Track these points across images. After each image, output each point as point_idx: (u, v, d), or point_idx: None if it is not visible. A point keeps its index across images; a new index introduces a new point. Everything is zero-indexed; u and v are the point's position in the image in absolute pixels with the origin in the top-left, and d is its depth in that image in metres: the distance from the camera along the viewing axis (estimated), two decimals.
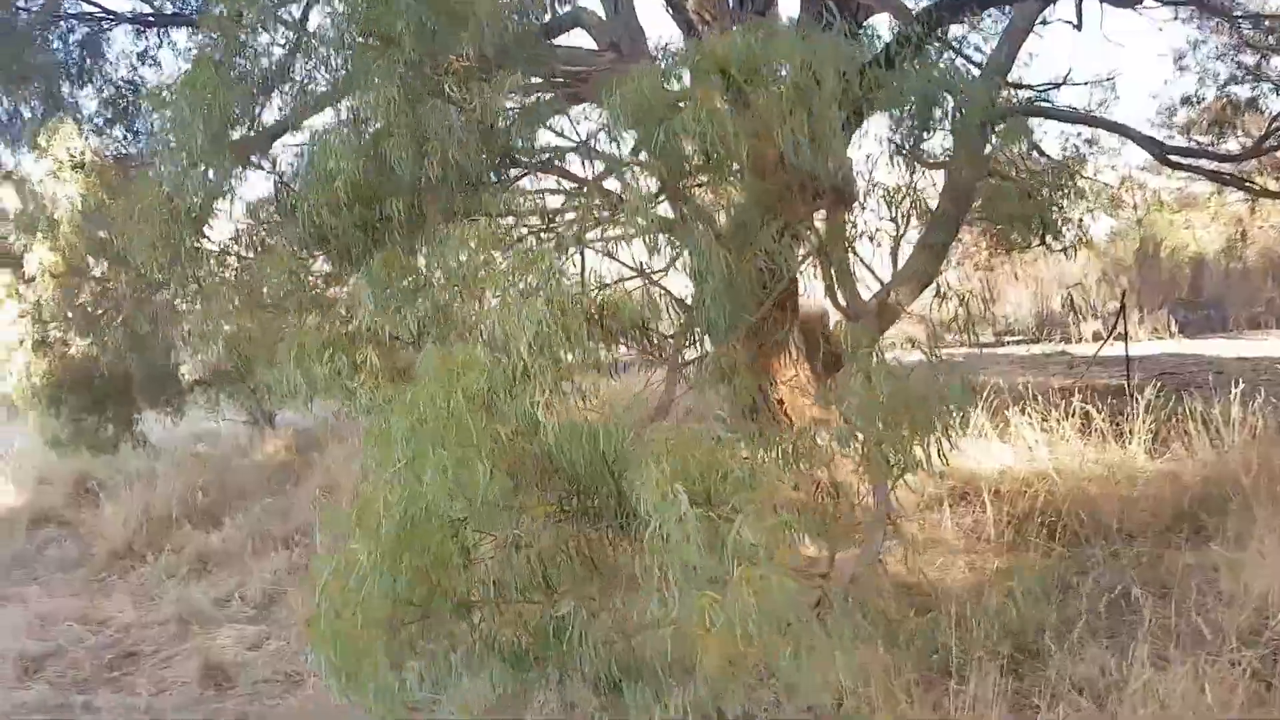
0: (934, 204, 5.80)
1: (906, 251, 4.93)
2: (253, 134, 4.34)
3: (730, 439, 2.32)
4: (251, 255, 4.57)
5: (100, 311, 6.93)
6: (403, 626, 2.66)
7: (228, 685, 4.79)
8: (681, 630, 2.04)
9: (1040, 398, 7.85)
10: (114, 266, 7.36)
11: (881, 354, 3.01)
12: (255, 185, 4.99)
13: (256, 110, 4.29)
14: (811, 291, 6.21)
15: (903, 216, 3.68)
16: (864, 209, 3.81)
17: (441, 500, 2.55)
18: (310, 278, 4.18)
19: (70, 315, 7.45)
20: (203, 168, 3.99)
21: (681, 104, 3.41)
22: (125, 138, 9.17)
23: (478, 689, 2.76)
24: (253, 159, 4.41)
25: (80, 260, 6.96)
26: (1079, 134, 12.39)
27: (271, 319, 4.02)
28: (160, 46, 9.54)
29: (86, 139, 7.52)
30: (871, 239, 3.63)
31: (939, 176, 6.26)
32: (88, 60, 8.96)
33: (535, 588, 2.62)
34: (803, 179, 3.77)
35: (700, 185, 3.96)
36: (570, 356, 2.98)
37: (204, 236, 4.33)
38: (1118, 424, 7.44)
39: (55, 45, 8.77)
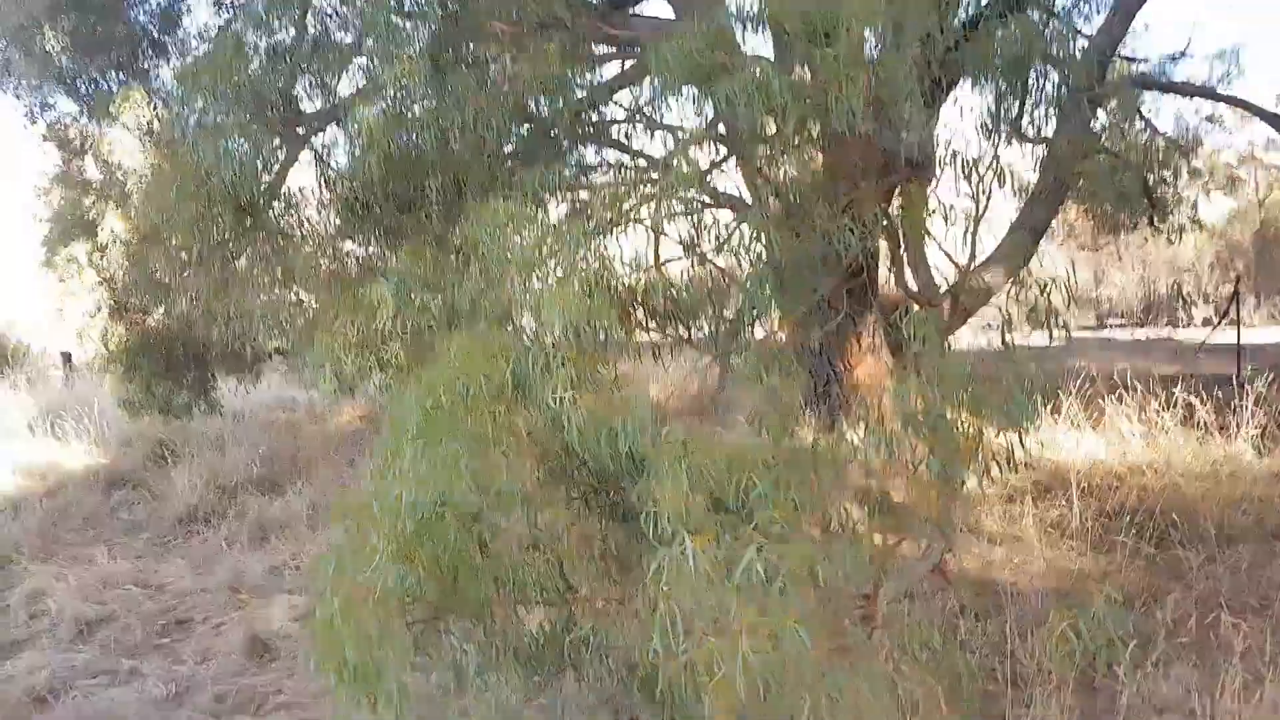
0: (1027, 180, 5.36)
1: (987, 231, 4.54)
2: (288, 112, 4.20)
3: (757, 444, 2.05)
4: (291, 235, 4.44)
5: (170, 280, 6.95)
6: (412, 626, 2.48)
7: (269, 657, 4.74)
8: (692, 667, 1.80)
9: (1140, 386, 7.35)
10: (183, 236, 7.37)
11: (948, 343, 2.69)
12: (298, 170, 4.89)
13: (287, 85, 4.14)
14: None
15: (983, 193, 3.31)
16: (939, 185, 3.45)
17: (454, 493, 2.35)
18: (348, 259, 4.04)
19: (143, 284, 7.53)
20: (239, 143, 3.85)
21: (735, 65, 3.12)
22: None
23: (492, 694, 2.56)
24: (286, 131, 4.27)
25: (151, 230, 6.99)
26: (1196, 110, 11.54)
27: (309, 301, 3.89)
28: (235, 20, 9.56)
29: (156, 109, 7.55)
30: (946, 218, 3.27)
31: (1031, 154, 5.81)
32: (165, 32, 9.04)
33: (553, 589, 2.40)
34: (876, 150, 3.44)
35: (759, 156, 3.66)
36: (604, 342, 2.75)
37: (249, 214, 4.21)
38: (1223, 417, 6.92)
39: (135, 16, 8.86)
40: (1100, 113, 7.11)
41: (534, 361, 2.50)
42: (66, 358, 15.20)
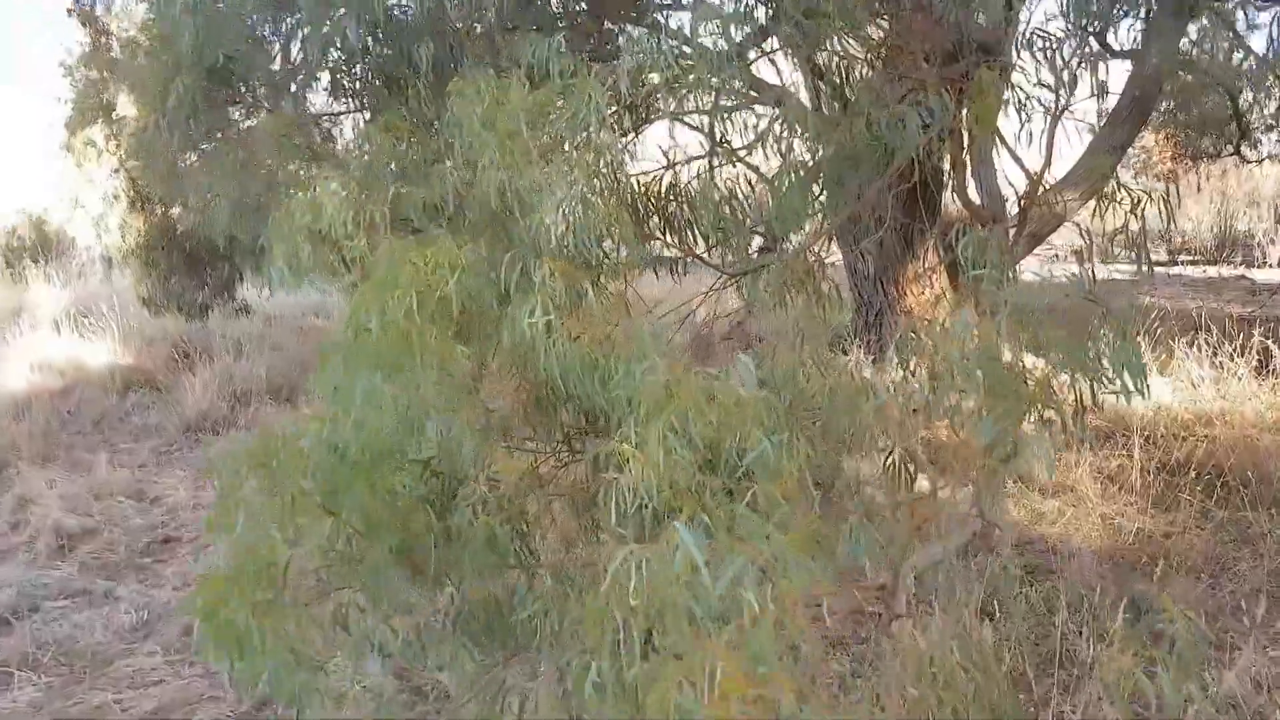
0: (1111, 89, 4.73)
1: (1059, 156, 3.96)
2: None
3: (754, 396, 1.58)
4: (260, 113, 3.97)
5: (180, 165, 6.52)
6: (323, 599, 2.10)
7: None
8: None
9: (1213, 328, 6.71)
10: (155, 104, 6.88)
11: (1012, 272, 2.17)
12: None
13: None
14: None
15: (1066, 84, 2.73)
16: (1013, 75, 2.86)
17: (375, 438, 1.92)
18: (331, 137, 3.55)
19: (154, 170, 7.10)
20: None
21: None
22: None
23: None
24: None
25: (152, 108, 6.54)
26: None
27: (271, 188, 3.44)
28: None
29: None
30: (1020, 111, 2.70)
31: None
32: None
33: (511, 553, 1.98)
34: (944, 29, 2.87)
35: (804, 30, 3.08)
36: (604, 254, 2.27)
37: (224, 83, 3.74)
38: None
39: None
40: (1190, 28, 6.35)
41: (510, 272, 2.03)
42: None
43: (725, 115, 3.04)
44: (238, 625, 1.78)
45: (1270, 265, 13.39)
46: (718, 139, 3.15)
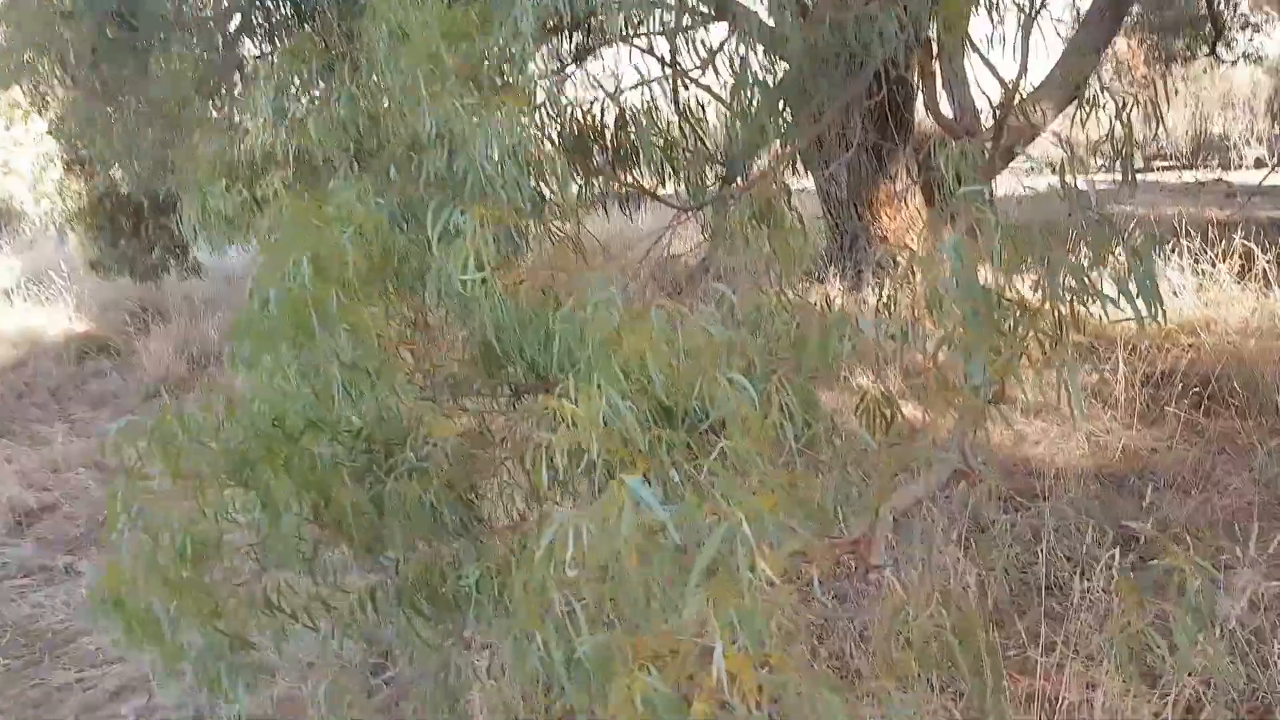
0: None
1: (1039, 48, 3.73)
2: None
3: (725, 336, 1.40)
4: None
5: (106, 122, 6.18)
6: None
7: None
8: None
9: (1192, 233, 6.55)
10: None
11: (990, 187, 1.98)
12: None
13: None
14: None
15: None
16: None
17: (289, 414, 1.74)
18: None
19: (79, 126, 6.74)
20: None
21: None
22: None
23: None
24: None
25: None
26: None
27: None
28: None
29: None
30: (992, 14, 2.48)
31: None
32: None
33: (446, 521, 1.81)
34: None
35: None
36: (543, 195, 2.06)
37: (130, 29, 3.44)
38: None
39: None
40: None
41: (435, 222, 1.82)
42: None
43: (684, 33, 2.80)
44: (149, 611, 1.61)
45: (1247, 167, 13.24)
46: (672, 60, 2.92)
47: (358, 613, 2.12)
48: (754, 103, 2.39)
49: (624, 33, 3.00)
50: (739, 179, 2.61)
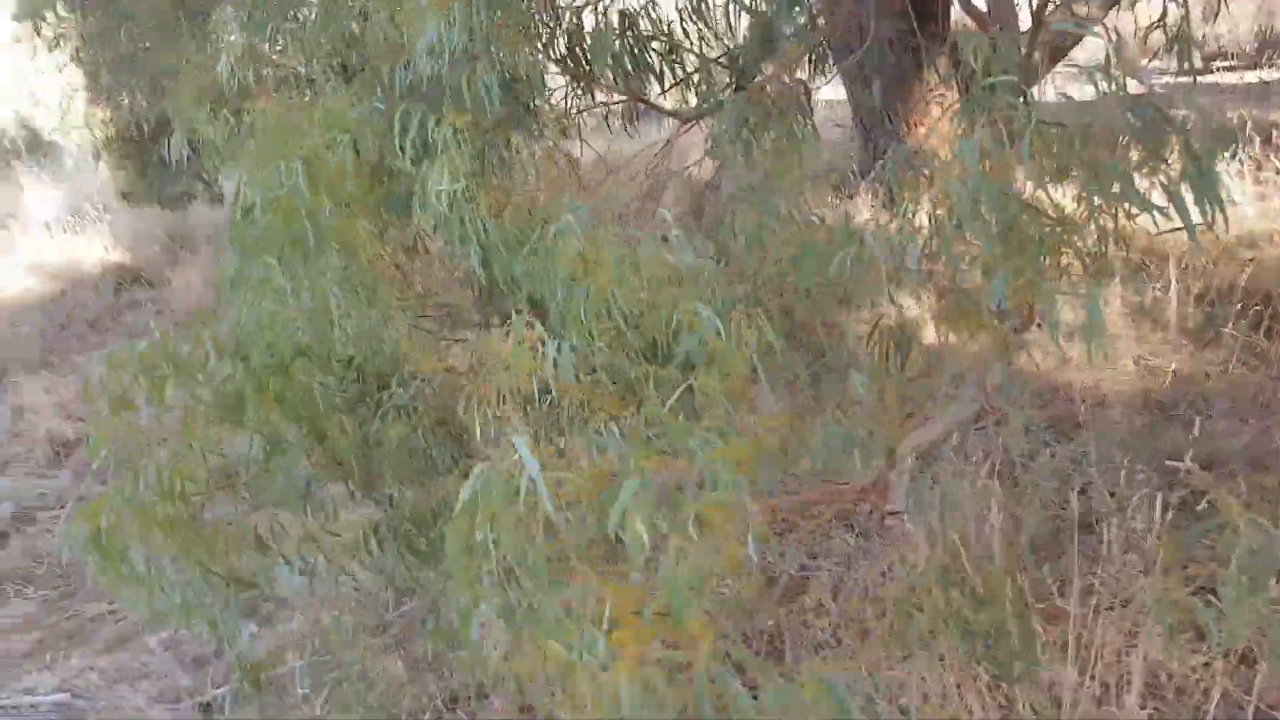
0: None
1: None
2: None
3: (700, 265, 1.26)
4: None
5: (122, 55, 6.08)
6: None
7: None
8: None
9: (1256, 139, 6.16)
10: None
11: (1029, 92, 1.79)
12: None
13: None
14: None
15: None
16: None
17: (280, 338, 1.65)
18: None
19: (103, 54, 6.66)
20: None
21: None
22: None
23: None
24: None
25: None
26: None
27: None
28: None
29: None
30: None
31: None
32: None
33: (433, 459, 1.72)
34: None
35: None
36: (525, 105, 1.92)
37: None
38: None
39: None
40: None
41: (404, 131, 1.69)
42: None
43: None
44: (127, 551, 1.55)
45: None
46: None
47: (361, 551, 2.07)
48: None
49: None
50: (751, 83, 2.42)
